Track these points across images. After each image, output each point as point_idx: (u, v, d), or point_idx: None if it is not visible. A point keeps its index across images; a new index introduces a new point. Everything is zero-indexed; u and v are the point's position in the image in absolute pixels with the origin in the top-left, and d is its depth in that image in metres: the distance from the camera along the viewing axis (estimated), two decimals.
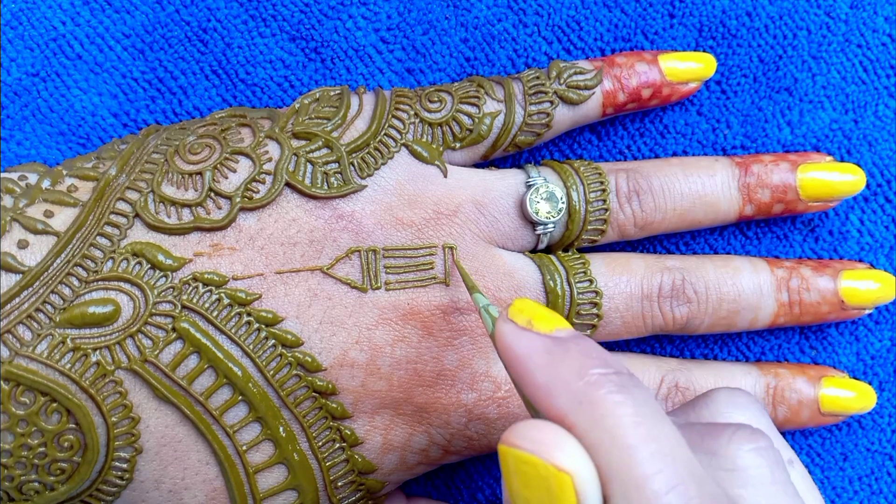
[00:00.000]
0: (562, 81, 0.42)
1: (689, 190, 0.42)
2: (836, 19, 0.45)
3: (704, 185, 0.42)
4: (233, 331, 0.36)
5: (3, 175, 0.38)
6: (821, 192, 0.43)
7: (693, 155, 0.45)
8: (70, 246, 0.36)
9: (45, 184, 0.38)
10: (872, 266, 0.45)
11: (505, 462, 0.29)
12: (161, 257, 0.36)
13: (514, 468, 0.29)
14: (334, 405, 0.38)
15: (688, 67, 0.43)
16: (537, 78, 0.42)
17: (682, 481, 0.27)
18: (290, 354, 0.37)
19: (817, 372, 0.44)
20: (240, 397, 0.36)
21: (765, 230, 0.45)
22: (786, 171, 0.43)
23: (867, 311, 0.44)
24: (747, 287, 0.42)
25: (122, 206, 0.37)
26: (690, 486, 0.27)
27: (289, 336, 0.37)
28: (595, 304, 0.41)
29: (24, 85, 0.43)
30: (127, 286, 0.36)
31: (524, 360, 0.31)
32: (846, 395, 0.43)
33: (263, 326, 0.37)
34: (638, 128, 0.45)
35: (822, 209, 0.43)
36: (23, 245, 0.35)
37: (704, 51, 0.45)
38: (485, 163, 0.42)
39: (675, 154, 0.45)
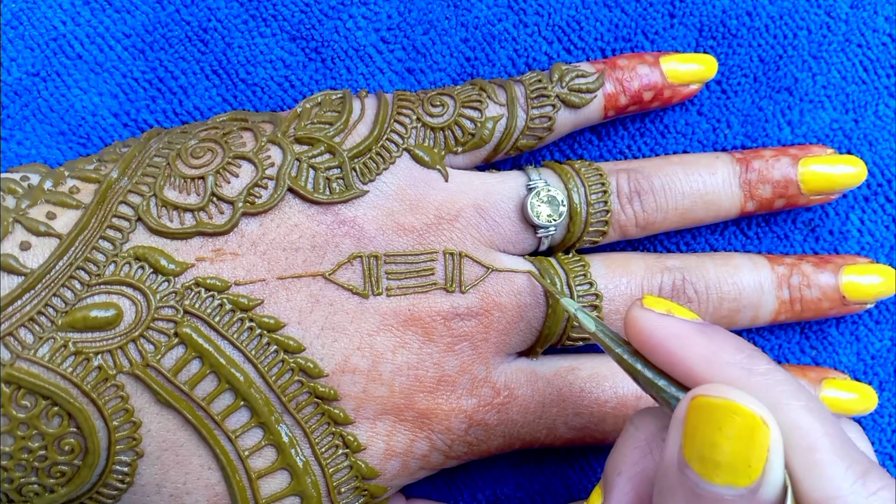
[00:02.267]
0: (564, 85, 0.41)
1: (691, 189, 0.42)
2: (837, 19, 0.45)
3: (706, 184, 0.42)
4: (235, 336, 0.36)
5: (5, 176, 0.38)
6: (822, 186, 0.43)
7: (696, 153, 0.45)
8: (72, 249, 0.36)
9: (48, 185, 0.38)
10: (872, 260, 0.45)
11: (697, 414, 0.30)
12: (163, 262, 0.36)
13: (711, 420, 0.29)
14: (336, 411, 0.38)
15: (689, 69, 0.43)
16: (539, 81, 0.42)
17: (839, 443, 0.29)
18: (291, 360, 0.37)
19: (818, 374, 0.44)
20: (242, 403, 0.36)
21: (765, 230, 0.45)
22: (787, 166, 0.43)
23: (868, 306, 0.44)
24: (748, 285, 0.42)
25: (124, 209, 0.37)
26: (847, 448, 0.30)
27: (290, 342, 0.37)
28: (595, 307, 0.41)
29: (25, 85, 0.43)
30: (129, 290, 0.36)
31: (679, 339, 0.32)
32: (847, 396, 0.43)
33: (265, 332, 0.37)
34: (638, 128, 0.45)
35: (824, 202, 0.43)
36: (25, 247, 0.35)
37: (705, 51, 0.45)
38: (485, 165, 0.42)
39: (675, 154, 0.45)
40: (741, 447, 0.29)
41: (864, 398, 0.43)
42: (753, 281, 0.42)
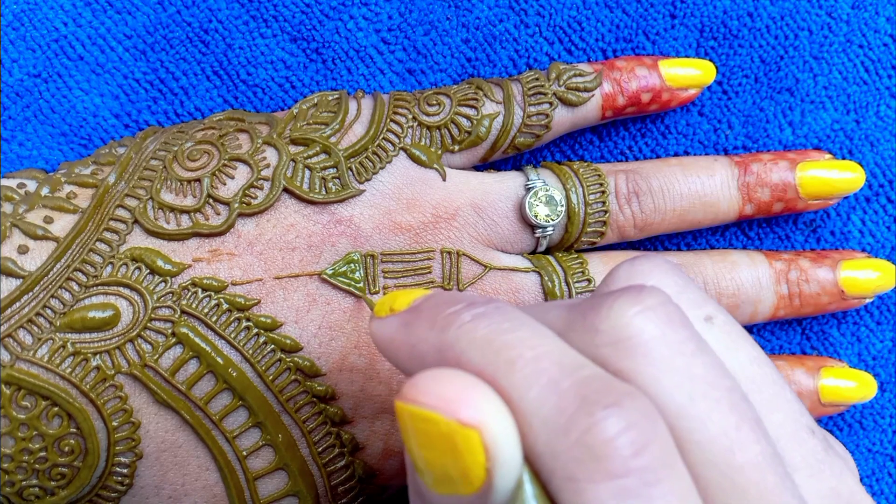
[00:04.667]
0: (561, 83, 0.41)
1: (689, 190, 0.42)
2: (838, 20, 0.45)
3: (704, 186, 0.42)
4: (232, 336, 0.36)
5: (2, 183, 0.38)
6: (820, 190, 0.43)
7: (694, 155, 0.45)
8: (70, 251, 0.36)
9: (45, 191, 0.38)
10: (870, 255, 0.45)
11: (402, 421, 0.26)
12: (160, 262, 0.36)
13: (413, 427, 0.25)
14: (334, 410, 0.38)
15: (687, 73, 0.43)
16: (536, 79, 0.42)
17: (553, 378, 0.25)
18: (288, 359, 0.37)
19: (816, 363, 0.44)
20: (239, 402, 0.37)
21: (766, 231, 0.45)
22: (785, 170, 0.43)
23: (868, 300, 0.43)
24: (746, 281, 0.42)
25: (121, 212, 0.37)
26: (561, 381, 0.25)
27: (287, 341, 0.37)
28: None
29: (26, 86, 0.43)
30: (126, 291, 0.36)
31: (387, 346, 0.29)
32: (846, 384, 0.43)
33: (262, 331, 0.37)
34: (639, 128, 0.45)
35: (822, 207, 0.43)
36: (23, 250, 0.35)
37: (706, 51, 0.45)
38: (484, 165, 0.42)
39: (676, 155, 0.45)
40: (448, 460, 0.25)
41: (862, 386, 0.43)
42: (751, 277, 0.42)
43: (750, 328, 0.45)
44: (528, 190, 0.41)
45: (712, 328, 0.28)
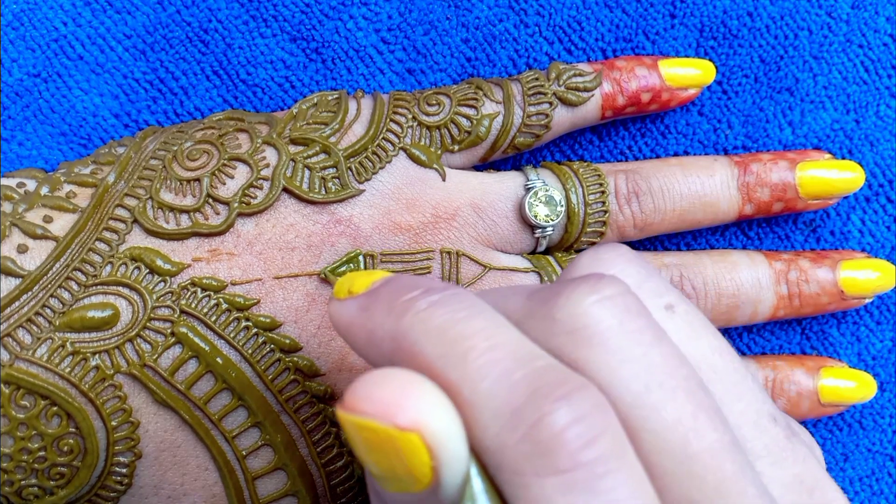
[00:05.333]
0: (561, 83, 0.41)
1: (689, 190, 0.42)
2: (838, 19, 0.45)
3: (703, 185, 0.42)
4: (231, 335, 0.36)
5: (2, 182, 0.38)
6: (820, 190, 0.43)
7: (694, 155, 0.45)
8: (69, 251, 0.36)
9: (44, 190, 0.38)
10: (870, 255, 0.45)
11: (346, 430, 0.25)
12: (160, 262, 0.36)
13: (356, 436, 0.25)
14: (333, 410, 0.38)
15: (687, 73, 0.43)
16: (536, 79, 0.42)
17: (506, 369, 0.25)
18: (288, 359, 0.37)
19: (816, 363, 0.44)
20: (239, 402, 0.36)
21: (766, 231, 0.45)
22: (784, 170, 0.43)
23: (867, 301, 0.43)
24: (746, 281, 0.42)
25: (120, 212, 0.37)
26: (514, 372, 0.25)
27: (287, 341, 0.37)
28: None
29: (26, 86, 0.43)
30: (126, 291, 0.36)
31: (346, 330, 0.29)
32: (846, 384, 0.43)
33: (261, 331, 0.37)
34: (639, 128, 0.45)
35: (822, 207, 0.43)
36: (22, 250, 0.35)
37: (706, 51, 0.45)
38: (484, 165, 0.42)
39: (676, 154, 0.45)
40: (394, 462, 0.25)
41: (862, 386, 0.43)
42: (751, 277, 0.42)
43: (749, 328, 0.45)
44: (527, 190, 0.41)
45: (674, 317, 0.28)
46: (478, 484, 0.25)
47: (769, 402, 0.28)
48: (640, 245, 0.45)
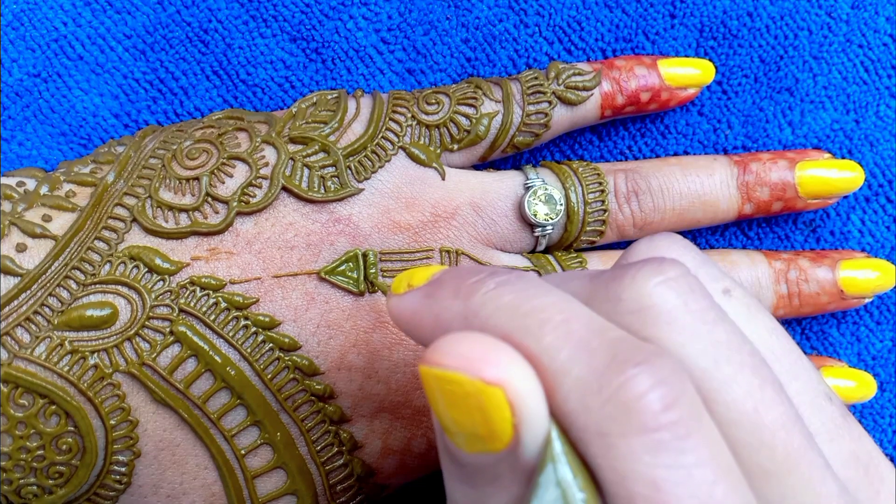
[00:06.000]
0: (560, 82, 0.41)
1: (688, 189, 0.42)
2: (838, 19, 0.45)
3: (703, 185, 0.42)
4: (230, 334, 0.36)
5: (1, 181, 0.38)
6: (820, 190, 0.43)
7: (694, 155, 0.45)
8: (68, 250, 0.36)
9: (44, 189, 0.38)
10: (870, 255, 0.45)
11: (427, 385, 0.26)
12: (158, 261, 0.36)
13: (438, 390, 0.26)
14: (332, 409, 0.38)
15: (686, 73, 0.43)
16: (536, 78, 0.42)
17: (582, 338, 0.25)
18: (287, 358, 0.37)
19: (815, 362, 0.44)
20: (238, 401, 0.36)
21: (766, 231, 0.45)
22: (784, 169, 0.43)
23: (867, 300, 0.43)
24: (745, 280, 0.42)
25: (119, 210, 0.37)
26: (591, 341, 0.25)
27: (286, 339, 0.37)
28: None
29: (26, 86, 0.43)
30: (124, 289, 0.36)
31: (409, 319, 0.29)
32: (845, 384, 0.43)
33: (261, 330, 0.37)
34: (639, 128, 0.45)
35: (822, 206, 0.43)
36: (21, 248, 0.35)
37: (706, 51, 0.45)
38: (484, 164, 0.42)
39: (675, 154, 0.45)
40: (476, 418, 0.25)
41: (862, 385, 0.43)
42: (751, 276, 0.42)
43: None
44: (527, 189, 0.41)
45: (731, 300, 0.29)
46: (559, 446, 0.25)
47: (823, 382, 0.29)
48: None
